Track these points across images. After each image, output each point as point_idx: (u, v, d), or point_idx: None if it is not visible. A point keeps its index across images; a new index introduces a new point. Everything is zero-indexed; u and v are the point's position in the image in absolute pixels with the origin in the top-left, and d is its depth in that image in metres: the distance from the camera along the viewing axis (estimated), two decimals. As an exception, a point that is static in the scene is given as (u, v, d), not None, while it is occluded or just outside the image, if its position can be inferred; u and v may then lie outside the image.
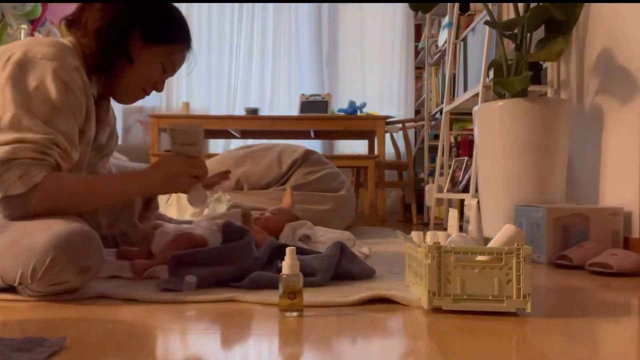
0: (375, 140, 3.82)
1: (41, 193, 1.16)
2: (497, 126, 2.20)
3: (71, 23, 1.36)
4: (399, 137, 4.68)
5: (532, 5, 2.16)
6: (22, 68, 1.21)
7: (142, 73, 1.39)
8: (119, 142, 1.93)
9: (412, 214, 4.30)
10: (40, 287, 1.12)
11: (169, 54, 1.41)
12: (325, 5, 4.97)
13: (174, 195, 2.55)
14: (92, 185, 1.29)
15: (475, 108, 2.36)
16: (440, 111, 4.01)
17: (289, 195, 2.00)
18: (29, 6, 3.39)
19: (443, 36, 3.91)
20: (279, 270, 1.12)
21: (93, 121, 1.35)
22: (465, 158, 3.10)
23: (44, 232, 1.11)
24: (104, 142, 1.53)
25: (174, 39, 1.41)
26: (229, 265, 1.29)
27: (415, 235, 1.28)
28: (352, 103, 4.13)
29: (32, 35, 3.52)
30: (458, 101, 3.10)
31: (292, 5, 4.93)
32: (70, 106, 1.24)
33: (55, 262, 1.08)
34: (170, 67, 1.44)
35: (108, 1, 1.34)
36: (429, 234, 1.25)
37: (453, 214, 1.24)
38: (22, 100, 1.19)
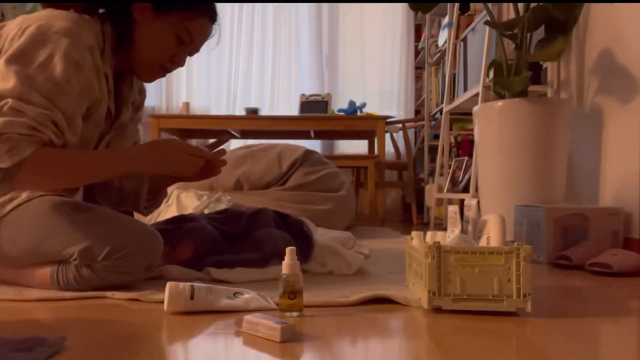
0: (375, 140, 3.82)
1: (28, 168, 1.11)
2: (497, 126, 2.20)
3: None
4: (399, 137, 4.68)
5: (532, 5, 2.16)
6: (34, 41, 1.16)
7: (155, 46, 1.31)
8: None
9: (412, 214, 4.30)
10: (105, 270, 1.20)
11: (183, 22, 1.30)
12: (325, 5, 4.97)
13: (174, 195, 2.55)
14: (82, 159, 1.20)
15: (475, 108, 2.36)
16: (440, 111, 4.01)
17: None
18: (29, 6, 3.39)
19: (443, 36, 3.91)
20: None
21: (104, 102, 1.30)
22: (465, 158, 3.10)
23: (130, 222, 1.24)
24: (127, 120, 1.47)
25: (186, 6, 1.31)
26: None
27: (415, 235, 1.28)
28: (352, 103, 4.13)
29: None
30: (458, 101, 3.10)
31: (292, 5, 4.93)
32: (78, 86, 1.19)
33: (134, 251, 1.21)
34: (188, 37, 1.32)
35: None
36: (429, 234, 1.25)
37: (454, 209, 1.24)
38: (25, 74, 1.14)
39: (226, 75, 4.94)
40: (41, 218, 1.24)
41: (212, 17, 1.36)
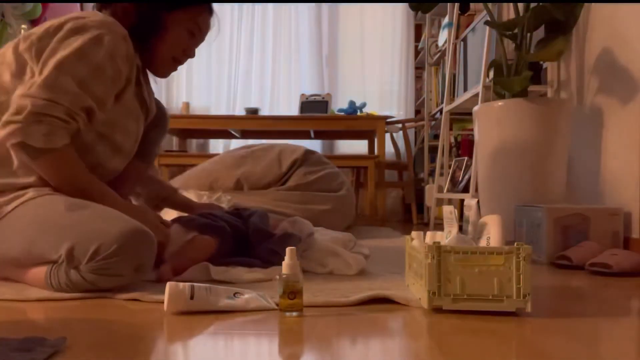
0: (375, 140, 3.82)
1: (51, 158, 1.25)
2: (497, 126, 2.20)
3: (101, 5, 1.44)
4: (399, 137, 4.68)
5: (532, 5, 2.16)
6: (73, 32, 1.28)
7: (170, 41, 1.45)
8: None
9: (412, 214, 4.30)
10: (91, 272, 1.17)
11: (193, 18, 1.47)
12: (325, 5, 4.96)
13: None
14: (85, 182, 1.32)
15: (475, 108, 2.36)
16: (440, 111, 4.01)
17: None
18: (29, 6, 3.39)
19: (443, 36, 3.91)
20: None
21: (132, 87, 1.41)
22: (465, 158, 3.10)
23: (120, 221, 1.20)
24: (154, 112, 1.58)
25: (194, 1, 1.47)
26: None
27: (415, 235, 1.28)
28: (352, 103, 4.13)
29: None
30: (458, 101, 3.10)
31: (292, 5, 4.93)
32: (111, 72, 1.31)
33: (120, 251, 1.16)
34: (198, 31, 1.49)
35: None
36: (429, 234, 1.25)
37: (449, 209, 1.24)
38: (63, 61, 1.25)
39: (226, 75, 4.94)
40: (35, 218, 1.23)
41: (212, 11, 1.54)
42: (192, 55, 1.52)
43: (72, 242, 1.17)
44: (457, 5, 3.40)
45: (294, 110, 4.64)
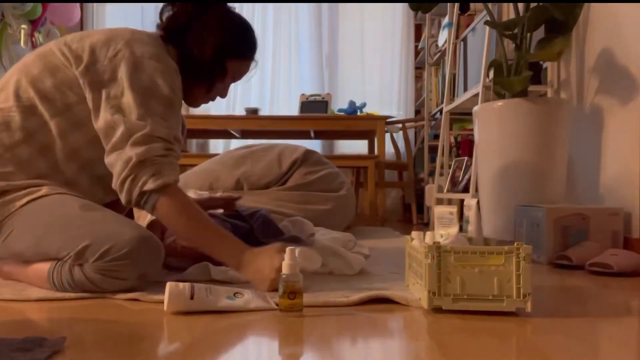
0: (375, 140, 3.82)
1: (169, 196, 1.22)
2: (497, 126, 2.20)
3: (175, 32, 1.40)
4: (399, 137, 4.68)
5: (532, 5, 2.16)
6: (134, 68, 1.28)
7: (221, 83, 1.47)
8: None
9: (412, 214, 4.30)
10: (96, 272, 1.17)
11: (241, 67, 1.51)
12: (325, 5, 4.97)
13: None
14: (207, 222, 1.26)
15: (475, 108, 2.36)
16: (440, 111, 4.01)
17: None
18: (29, 6, 3.39)
19: (443, 36, 3.91)
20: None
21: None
22: (465, 158, 3.09)
23: (133, 227, 1.23)
24: None
25: (249, 54, 1.52)
26: None
27: (415, 235, 1.28)
28: (352, 103, 4.13)
29: (32, 35, 3.52)
30: (458, 101, 3.10)
31: (292, 5, 4.93)
32: (177, 104, 1.32)
33: (130, 255, 1.17)
34: (238, 77, 1.53)
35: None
36: (429, 234, 1.25)
37: (449, 209, 1.24)
38: (142, 99, 1.25)
39: (226, 75, 4.94)
40: (47, 214, 1.24)
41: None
42: (225, 96, 1.54)
43: (88, 240, 1.18)
44: (457, 5, 3.40)
45: (294, 110, 4.64)
